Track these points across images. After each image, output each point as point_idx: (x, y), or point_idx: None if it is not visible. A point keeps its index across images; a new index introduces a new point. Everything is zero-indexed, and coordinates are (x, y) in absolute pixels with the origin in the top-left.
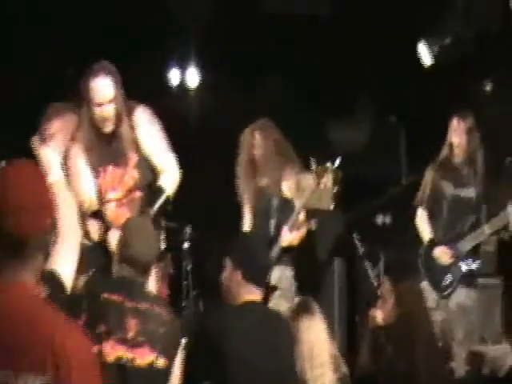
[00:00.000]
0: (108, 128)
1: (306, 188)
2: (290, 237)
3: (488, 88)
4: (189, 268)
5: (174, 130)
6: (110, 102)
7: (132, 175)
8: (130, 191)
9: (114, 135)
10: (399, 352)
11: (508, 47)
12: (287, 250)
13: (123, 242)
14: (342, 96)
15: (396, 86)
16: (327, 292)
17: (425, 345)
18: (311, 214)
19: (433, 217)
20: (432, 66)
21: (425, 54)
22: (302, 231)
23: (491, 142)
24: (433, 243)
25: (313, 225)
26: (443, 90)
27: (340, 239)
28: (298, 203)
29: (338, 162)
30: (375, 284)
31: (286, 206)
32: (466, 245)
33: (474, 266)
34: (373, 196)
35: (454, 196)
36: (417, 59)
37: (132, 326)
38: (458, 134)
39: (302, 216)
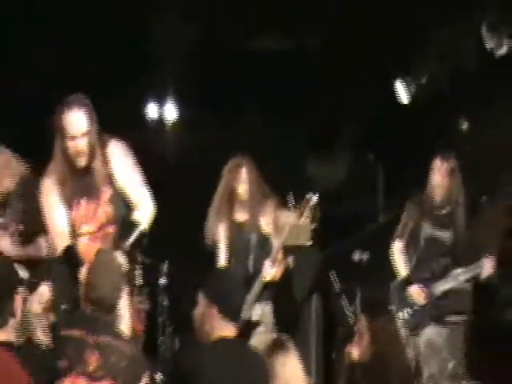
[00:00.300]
0: (81, 162)
1: (285, 224)
2: (272, 271)
3: (463, 126)
4: (165, 304)
5: (151, 165)
6: (84, 135)
7: (105, 209)
8: (104, 225)
9: (88, 169)
10: None
11: (483, 86)
12: (268, 286)
13: (88, 283)
14: (320, 133)
15: (374, 124)
16: (304, 328)
17: (400, 382)
18: (289, 250)
19: (408, 253)
20: (409, 105)
21: (402, 93)
22: (282, 267)
23: (466, 181)
24: (408, 280)
25: (290, 261)
26: (420, 129)
27: (317, 276)
28: (278, 239)
29: (316, 198)
30: (351, 321)
31: (265, 242)
32: (439, 287)
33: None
34: (350, 233)
35: (431, 236)
36: (394, 97)
37: (93, 360)
38: (440, 174)
39: (281, 252)
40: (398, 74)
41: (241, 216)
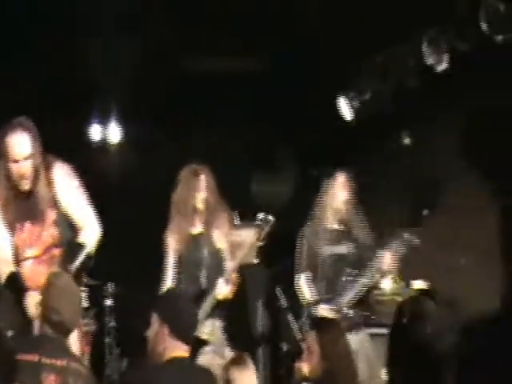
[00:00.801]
0: (25, 186)
1: (239, 241)
2: (226, 290)
3: (406, 141)
4: (111, 325)
5: (96, 187)
6: (27, 158)
7: (50, 232)
8: (49, 248)
9: (32, 192)
10: None
11: (426, 102)
12: (220, 304)
13: (47, 306)
14: (265, 150)
15: (318, 140)
16: (252, 344)
17: None
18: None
19: (316, 279)
20: (353, 121)
21: (345, 109)
22: (235, 285)
23: (408, 195)
24: (315, 303)
25: (239, 278)
26: (364, 144)
27: (264, 292)
28: (234, 258)
29: (272, 218)
30: (298, 337)
31: (216, 257)
32: (346, 298)
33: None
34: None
35: (330, 254)
36: (339, 114)
37: (49, 382)
38: (339, 190)
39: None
40: (341, 90)
41: (196, 228)
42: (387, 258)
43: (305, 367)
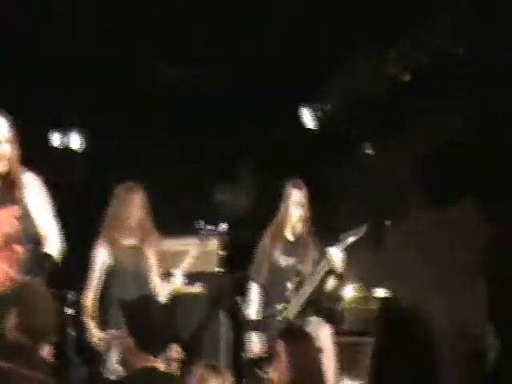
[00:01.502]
0: (2, 167)
1: (189, 250)
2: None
3: (369, 151)
4: (73, 334)
5: (58, 195)
6: (7, 141)
7: (12, 222)
8: (10, 241)
9: (5, 177)
10: None
11: (389, 112)
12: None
13: (22, 315)
14: (227, 159)
15: (281, 149)
16: (215, 355)
17: None
18: (196, 276)
19: (266, 287)
20: (315, 130)
21: (307, 118)
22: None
23: (372, 205)
24: (254, 325)
25: (200, 287)
26: (327, 153)
27: (227, 302)
28: (178, 268)
29: (224, 226)
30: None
31: (148, 270)
32: (293, 311)
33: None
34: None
35: (281, 263)
36: (302, 123)
37: None
38: (297, 203)
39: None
40: (304, 99)
41: (128, 241)
42: (337, 257)
43: (274, 375)
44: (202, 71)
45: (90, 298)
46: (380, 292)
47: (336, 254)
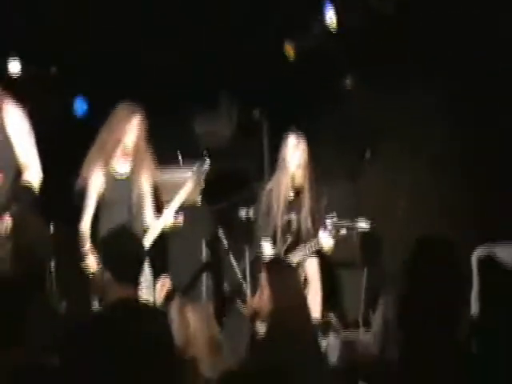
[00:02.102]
0: None
1: (183, 182)
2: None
3: (348, 84)
4: (52, 266)
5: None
6: None
7: None
8: None
9: None
10: (277, 343)
11: (370, 45)
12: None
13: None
14: (205, 91)
15: (259, 81)
16: (196, 285)
17: (302, 335)
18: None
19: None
20: (294, 62)
21: (288, 50)
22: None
23: (351, 138)
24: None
25: (181, 219)
26: (305, 86)
27: (207, 233)
28: (174, 201)
29: (208, 162)
30: (240, 277)
31: (140, 199)
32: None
33: None
34: (237, 190)
35: (283, 220)
36: (281, 55)
37: None
38: (292, 156)
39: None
40: (285, 31)
41: (121, 168)
42: (326, 240)
43: (257, 305)
44: None
45: (87, 225)
46: (361, 223)
47: (326, 241)
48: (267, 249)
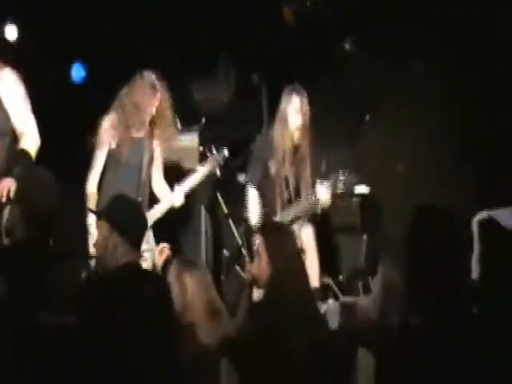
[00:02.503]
0: None
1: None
2: (181, 199)
3: (347, 48)
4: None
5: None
6: None
7: None
8: None
9: None
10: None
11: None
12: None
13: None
14: (203, 55)
15: (257, 45)
16: (195, 249)
17: (301, 300)
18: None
19: (261, 193)
20: (293, 26)
21: (287, 15)
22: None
23: (350, 102)
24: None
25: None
26: (305, 49)
27: (206, 197)
28: (196, 174)
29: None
30: (240, 242)
31: (151, 164)
32: (284, 217)
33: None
34: (235, 155)
35: (277, 173)
36: (279, 19)
37: None
38: (297, 110)
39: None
40: None
41: (138, 132)
42: (324, 193)
43: (254, 271)
44: None
45: (93, 186)
46: (360, 188)
47: (324, 194)
48: (253, 200)
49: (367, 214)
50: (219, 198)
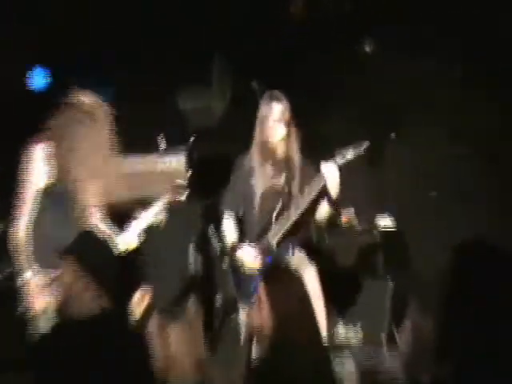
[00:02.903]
0: None
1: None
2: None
3: (366, 48)
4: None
5: None
6: None
7: None
8: None
9: None
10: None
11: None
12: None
13: None
14: (198, 58)
15: (257, 45)
16: (181, 297)
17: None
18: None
19: (244, 216)
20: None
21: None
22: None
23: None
24: (233, 247)
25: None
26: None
27: (195, 234)
28: (142, 217)
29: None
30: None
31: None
32: (274, 235)
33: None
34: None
35: (266, 186)
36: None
37: None
38: (278, 119)
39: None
40: None
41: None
42: (332, 174)
43: (256, 318)
44: None
45: (21, 228)
46: (383, 219)
47: (332, 171)
48: (229, 229)
49: (391, 250)
50: (211, 233)
